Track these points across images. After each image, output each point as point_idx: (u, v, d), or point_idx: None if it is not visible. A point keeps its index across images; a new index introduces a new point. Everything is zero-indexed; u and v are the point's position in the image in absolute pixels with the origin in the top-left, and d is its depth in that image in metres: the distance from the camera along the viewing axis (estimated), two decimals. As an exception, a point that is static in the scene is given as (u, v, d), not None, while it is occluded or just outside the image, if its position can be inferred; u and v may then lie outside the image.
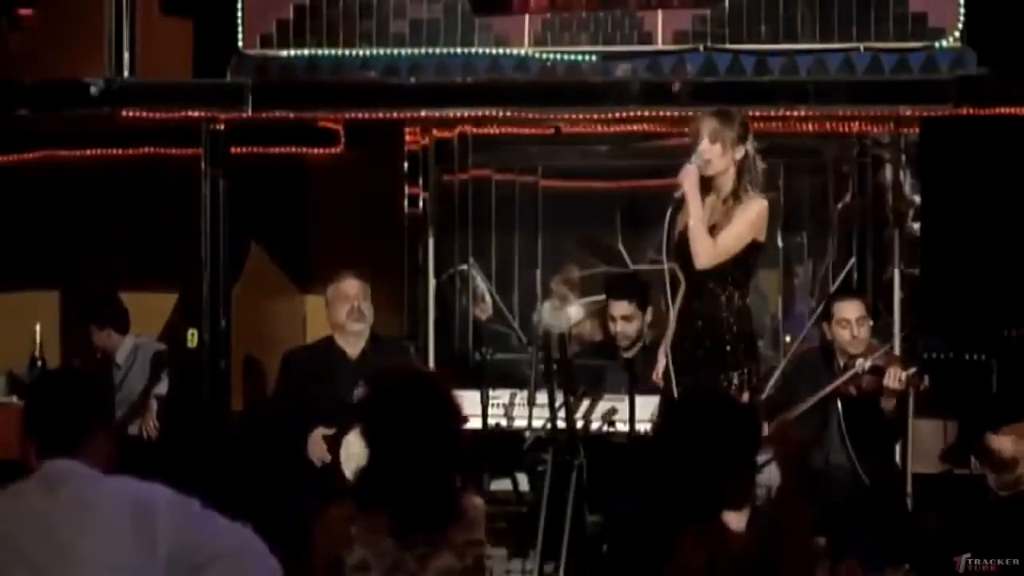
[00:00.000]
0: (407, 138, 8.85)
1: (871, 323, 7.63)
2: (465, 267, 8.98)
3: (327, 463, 7.21)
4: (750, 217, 6.19)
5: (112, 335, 8.59)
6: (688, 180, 6.17)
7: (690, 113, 6.86)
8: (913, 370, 7.32)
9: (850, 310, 7.57)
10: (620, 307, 7.79)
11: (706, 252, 6.17)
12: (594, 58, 7.95)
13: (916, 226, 8.30)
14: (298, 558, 4.04)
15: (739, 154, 6.22)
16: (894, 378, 7.28)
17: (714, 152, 6.20)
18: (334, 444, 7.18)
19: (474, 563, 4.11)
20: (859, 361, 7.38)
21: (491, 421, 7.02)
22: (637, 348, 7.72)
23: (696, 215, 6.16)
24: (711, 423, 3.79)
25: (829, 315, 7.68)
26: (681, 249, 6.28)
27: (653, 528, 3.74)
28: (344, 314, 7.55)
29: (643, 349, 7.63)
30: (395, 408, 4.07)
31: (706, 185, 6.27)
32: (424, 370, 4.51)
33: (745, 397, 6.11)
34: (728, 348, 6.21)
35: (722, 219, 6.22)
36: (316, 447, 7.26)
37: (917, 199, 8.29)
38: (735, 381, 6.16)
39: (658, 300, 6.42)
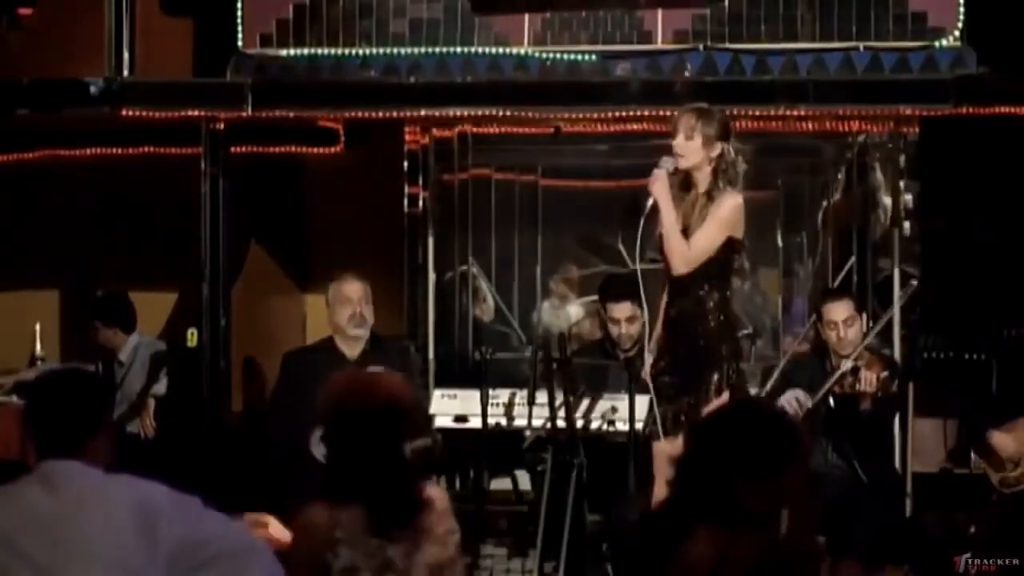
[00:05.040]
0: (407, 138, 8.85)
1: (861, 323, 7.60)
2: (466, 267, 8.98)
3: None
4: (723, 215, 6.13)
5: (118, 333, 8.60)
6: (657, 185, 6.14)
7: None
8: (885, 373, 7.32)
9: (837, 312, 7.52)
10: (622, 309, 7.74)
11: (681, 256, 6.13)
12: (594, 58, 7.95)
13: (916, 226, 8.30)
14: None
15: (715, 152, 6.16)
16: (866, 381, 7.29)
17: (687, 148, 6.15)
18: None
19: (455, 551, 4.15)
20: (844, 362, 7.38)
21: (491, 421, 7.02)
22: (636, 348, 7.70)
23: (669, 221, 6.13)
24: (747, 433, 3.75)
25: (820, 316, 7.66)
26: (661, 250, 6.27)
27: (666, 528, 3.73)
28: (346, 318, 7.52)
29: (642, 348, 7.61)
30: (346, 411, 4.11)
31: (684, 182, 6.25)
32: (370, 374, 4.59)
33: (725, 395, 6.09)
34: (710, 345, 6.19)
35: (696, 219, 6.19)
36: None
37: (917, 199, 8.29)
38: (715, 378, 6.14)
39: (654, 298, 6.39)
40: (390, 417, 4.10)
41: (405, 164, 8.90)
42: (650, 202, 6.16)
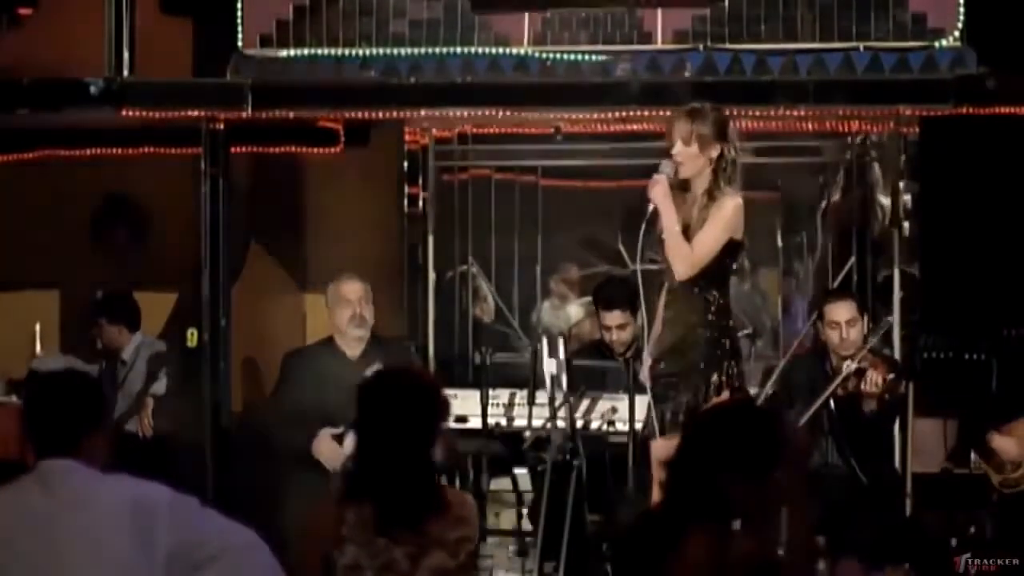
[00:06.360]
0: (407, 138, 8.85)
1: (863, 324, 7.60)
2: (465, 267, 8.99)
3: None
4: (724, 216, 6.07)
5: (123, 332, 8.61)
6: (657, 190, 6.08)
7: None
8: (891, 375, 7.31)
9: (840, 312, 7.50)
10: (613, 317, 7.76)
11: (685, 261, 6.08)
12: (594, 58, 7.95)
13: (916, 225, 8.30)
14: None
15: (714, 152, 6.10)
16: (871, 383, 7.27)
17: (687, 154, 6.09)
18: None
19: (467, 559, 4.11)
20: (846, 363, 7.36)
21: (491, 421, 7.02)
22: (632, 350, 7.71)
23: (670, 226, 6.07)
24: (733, 432, 3.76)
25: (821, 316, 7.65)
26: (663, 251, 6.24)
27: (663, 528, 3.74)
28: (346, 319, 7.50)
29: (639, 350, 7.61)
30: (382, 403, 4.10)
31: (684, 182, 6.20)
32: (413, 367, 4.52)
33: (725, 395, 6.06)
34: (709, 347, 6.16)
35: (697, 220, 6.15)
36: (325, 447, 7.20)
37: (917, 199, 8.29)
38: (715, 378, 6.11)
39: (650, 300, 6.38)
40: (425, 417, 4.09)
41: (405, 164, 8.90)
42: (651, 207, 6.13)
